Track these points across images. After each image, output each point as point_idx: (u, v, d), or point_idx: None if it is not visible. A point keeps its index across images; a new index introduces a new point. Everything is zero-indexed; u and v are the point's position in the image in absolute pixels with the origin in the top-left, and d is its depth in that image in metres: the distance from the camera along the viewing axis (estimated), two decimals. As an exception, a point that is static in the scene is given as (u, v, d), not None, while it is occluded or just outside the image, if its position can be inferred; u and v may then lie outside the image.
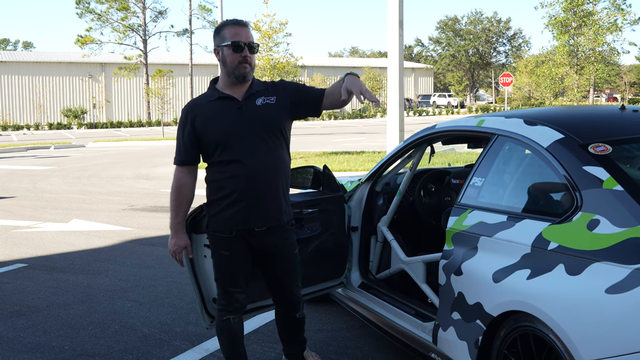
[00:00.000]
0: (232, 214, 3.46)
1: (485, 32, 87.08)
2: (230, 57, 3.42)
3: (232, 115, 3.44)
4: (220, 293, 3.61)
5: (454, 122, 4.05)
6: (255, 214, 3.47)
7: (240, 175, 3.42)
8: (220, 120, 3.43)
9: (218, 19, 25.62)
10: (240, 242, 3.52)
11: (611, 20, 33.60)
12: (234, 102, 3.47)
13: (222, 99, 3.48)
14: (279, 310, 3.87)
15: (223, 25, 3.49)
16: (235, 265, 3.55)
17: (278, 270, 3.65)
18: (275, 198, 3.51)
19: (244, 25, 3.47)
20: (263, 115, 3.48)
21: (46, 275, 6.70)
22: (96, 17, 52.31)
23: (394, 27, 11.83)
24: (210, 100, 3.49)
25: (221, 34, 3.46)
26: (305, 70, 60.32)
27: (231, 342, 3.63)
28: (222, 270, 3.56)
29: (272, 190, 3.49)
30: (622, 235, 2.56)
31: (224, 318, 3.59)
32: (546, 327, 2.69)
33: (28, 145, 29.97)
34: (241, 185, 3.42)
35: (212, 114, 3.45)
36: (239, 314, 3.63)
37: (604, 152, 3.00)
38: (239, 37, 3.41)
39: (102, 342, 4.75)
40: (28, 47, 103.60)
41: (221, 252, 3.53)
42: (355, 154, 18.31)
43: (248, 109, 3.47)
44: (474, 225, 3.34)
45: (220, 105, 3.47)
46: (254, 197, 3.45)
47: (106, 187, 14.35)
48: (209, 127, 3.43)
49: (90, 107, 57.04)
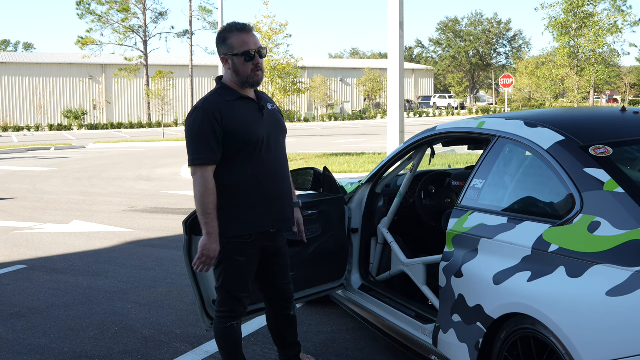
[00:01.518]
0: (253, 216, 3.44)
1: (485, 33, 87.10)
2: (242, 67, 3.40)
3: (256, 115, 3.46)
4: (224, 299, 3.55)
5: (455, 123, 4.05)
6: (274, 215, 3.50)
7: (263, 176, 3.44)
8: (247, 120, 3.41)
9: (218, 20, 25.62)
10: (255, 246, 3.51)
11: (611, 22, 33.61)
12: (254, 103, 3.49)
13: (243, 99, 3.46)
14: (272, 310, 3.84)
15: (228, 32, 3.41)
16: (249, 270, 3.54)
17: (276, 268, 3.68)
18: (290, 199, 3.61)
19: (249, 30, 3.41)
20: (278, 119, 3.58)
21: (46, 277, 6.69)
22: (97, 18, 52.37)
23: (394, 28, 11.83)
24: (230, 100, 3.42)
25: (228, 43, 3.40)
26: (306, 71, 60.33)
27: (235, 347, 3.62)
28: (234, 277, 3.50)
29: (288, 192, 3.59)
30: (623, 238, 2.56)
31: (228, 325, 3.56)
32: (547, 330, 2.69)
33: (28, 147, 29.97)
34: (260, 189, 3.43)
35: (238, 112, 3.40)
36: (241, 319, 3.64)
37: (604, 154, 3.00)
38: (248, 46, 3.38)
39: (102, 343, 4.74)
40: (28, 48, 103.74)
41: (236, 258, 3.46)
42: (356, 156, 18.31)
43: (267, 112, 3.52)
44: (475, 227, 3.33)
45: (243, 105, 3.44)
46: (274, 199, 3.48)
47: (106, 188, 14.34)
48: (238, 125, 3.36)
49: (91, 108, 57.06)
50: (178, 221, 9.65)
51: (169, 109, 37.36)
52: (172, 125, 52.33)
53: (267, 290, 3.77)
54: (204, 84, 61.35)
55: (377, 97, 63.28)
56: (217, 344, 3.66)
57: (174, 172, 17.57)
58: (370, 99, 63.53)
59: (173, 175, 16.68)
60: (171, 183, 15.02)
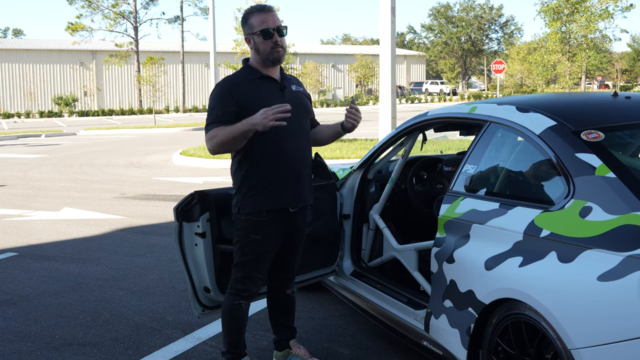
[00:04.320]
0: (270, 193, 3.49)
1: (477, 19, 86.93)
2: (262, 45, 3.49)
3: (276, 94, 3.53)
4: (237, 277, 3.59)
5: (446, 109, 4.03)
6: (292, 193, 3.55)
7: (281, 154, 3.49)
8: (266, 98, 3.47)
9: (210, 7, 25.47)
10: (273, 225, 3.54)
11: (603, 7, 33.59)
12: (275, 83, 3.57)
13: (264, 78, 3.54)
14: (271, 289, 3.88)
15: (249, 13, 3.54)
16: (265, 250, 3.57)
17: (289, 248, 3.73)
18: (308, 179, 3.66)
19: (269, 10, 3.52)
20: (301, 100, 3.64)
21: (37, 264, 6.66)
22: (87, 3, 51.92)
23: (386, 14, 11.78)
24: (251, 79, 3.52)
25: (249, 23, 3.52)
26: (298, 57, 60.06)
27: (238, 327, 3.64)
28: (249, 255, 3.55)
29: (306, 171, 3.63)
30: (615, 223, 2.56)
31: (236, 302, 3.60)
32: (538, 315, 2.69)
33: (19, 134, 29.81)
34: (281, 165, 3.49)
35: (256, 91, 3.49)
36: (251, 300, 3.66)
37: (596, 139, 2.99)
38: (267, 24, 3.47)
39: (93, 331, 4.73)
40: (18, 35, 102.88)
41: (252, 236, 3.52)
42: (348, 142, 18.29)
43: (289, 92, 3.59)
44: (466, 212, 3.33)
45: (263, 84, 3.53)
46: (292, 177, 3.53)
47: (97, 175, 14.29)
48: (254, 103, 3.42)
49: (82, 95, 56.72)
50: (169, 208, 9.62)
51: (160, 96, 37.17)
52: (164, 112, 52.12)
53: (271, 268, 3.77)
54: (195, 70, 61.07)
55: (369, 83, 63.14)
56: (222, 322, 3.68)
57: (165, 158, 17.51)
58: (362, 85, 63.42)
59: (164, 162, 16.63)
60: (162, 170, 14.97)
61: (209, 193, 3.79)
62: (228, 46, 29.61)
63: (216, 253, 3.81)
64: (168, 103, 54.92)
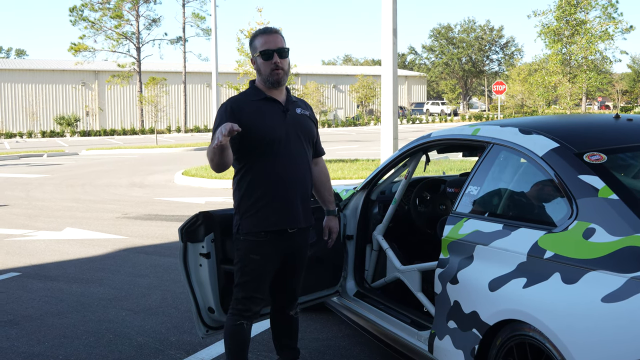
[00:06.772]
0: (267, 214, 3.51)
1: (478, 40, 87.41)
2: (262, 66, 3.55)
3: (278, 116, 3.56)
4: (239, 298, 3.60)
5: (449, 130, 4.06)
6: (289, 214, 3.56)
7: (279, 176, 3.52)
8: (267, 119, 3.52)
9: (212, 27, 25.65)
10: (271, 245, 3.56)
11: (603, 29, 33.79)
12: (279, 105, 3.60)
13: (267, 99, 3.58)
14: (274, 309, 3.88)
15: (254, 36, 3.61)
16: (264, 269, 3.58)
17: (291, 269, 3.74)
18: (307, 201, 3.67)
19: (272, 32, 3.58)
20: (303, 124, 3.67)
21: (40, 284, 6.67)
22: (90, 24, 52.25)
23: (387, 35, 11.87)
24: (254, 100, 3.57)
25: (253, 45, 3.60)
26: (299, 78, 60.33)
27: (240, 348, 3.64)
28: (249, 275, 3.56)
29: (305, 194, 3.65)
30: (618, 244, 2.57)
31: (238, 322, 3.60)
32: (542, 336, 2.70)
33: (21, 153, 29.87)
34: (279, 186, 3.52)
35: (259, 111, 3.53)
36: (253, 321, 3.66)
37: (599, 160, 3.02)
38: (267, 45, 3.53)
39: (96, 351, 4.72)
40: (21, 55, 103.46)
41: (251, 256, 3.54)
42: (350, 162, 18.31)
43: (291, 115, 3.61)
44: (470, 233, 3.34)
45: (265, 105, 3.57)
46: (289, 199, 3.55)
47: (99, 195, 14.31)
48: (256, 123, 3.48)
49: (84, 115, 56.92)
50: (172, 228, 9.63)
51: (162, 116, 37.29)
52: (165, 132, 52.25)
53: (273, 289, 3.78)
54: (197, 91, 61.31)
55: (370, 103, 63.34)
56: (224, 343, 3.68)
57: (167, 178, 17.54)
58: (363, 106, 63.60)
59: (166, 182, 16.65)
60: (164, 190, 14.99)
61: (214, 214, 3.81)
62: (230, 67, 29.77)
63: (220, 273, 3.82)
64: (170, 123, 55.09)
